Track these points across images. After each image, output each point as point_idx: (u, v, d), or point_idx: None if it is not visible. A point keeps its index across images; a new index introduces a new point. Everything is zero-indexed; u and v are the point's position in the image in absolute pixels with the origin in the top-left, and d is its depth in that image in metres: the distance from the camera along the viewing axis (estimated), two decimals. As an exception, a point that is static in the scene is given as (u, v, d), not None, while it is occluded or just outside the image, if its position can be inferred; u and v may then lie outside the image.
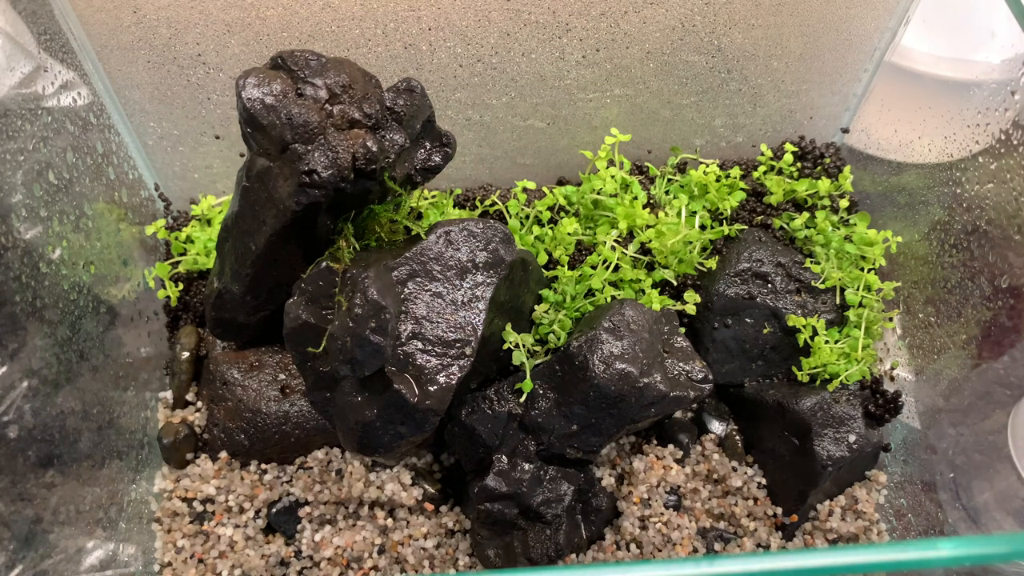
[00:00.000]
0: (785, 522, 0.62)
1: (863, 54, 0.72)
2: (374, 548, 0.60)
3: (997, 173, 0.58)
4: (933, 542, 0.30)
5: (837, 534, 0.61)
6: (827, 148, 0.75)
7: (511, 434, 0.57)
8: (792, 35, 0.69)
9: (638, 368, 0.54)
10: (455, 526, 0.62)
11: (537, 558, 0.57)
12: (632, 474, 0.62)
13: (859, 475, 0.63)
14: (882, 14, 0.68)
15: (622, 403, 0.54)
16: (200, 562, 0.61)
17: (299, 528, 0.61)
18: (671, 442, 0.64)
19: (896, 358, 0.68)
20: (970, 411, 0.62)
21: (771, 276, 0.65)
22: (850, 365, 0.62)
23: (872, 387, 0.63)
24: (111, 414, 0.61)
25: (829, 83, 0.74)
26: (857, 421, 0.60)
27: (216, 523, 0.62)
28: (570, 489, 0.58)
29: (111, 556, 0.58)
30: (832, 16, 0.68)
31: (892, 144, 0.73)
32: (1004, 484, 0.58)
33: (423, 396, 0.51)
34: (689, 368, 0.58)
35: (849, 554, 0.30)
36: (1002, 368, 0.61)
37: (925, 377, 0.67)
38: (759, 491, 0.63)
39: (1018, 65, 0.58)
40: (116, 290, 0.66)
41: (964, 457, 0.61)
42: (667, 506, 0.61)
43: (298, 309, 0.55)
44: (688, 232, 0.65)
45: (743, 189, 0.71)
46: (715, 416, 0.66)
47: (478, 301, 0.54)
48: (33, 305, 0.53)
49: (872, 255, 0.66)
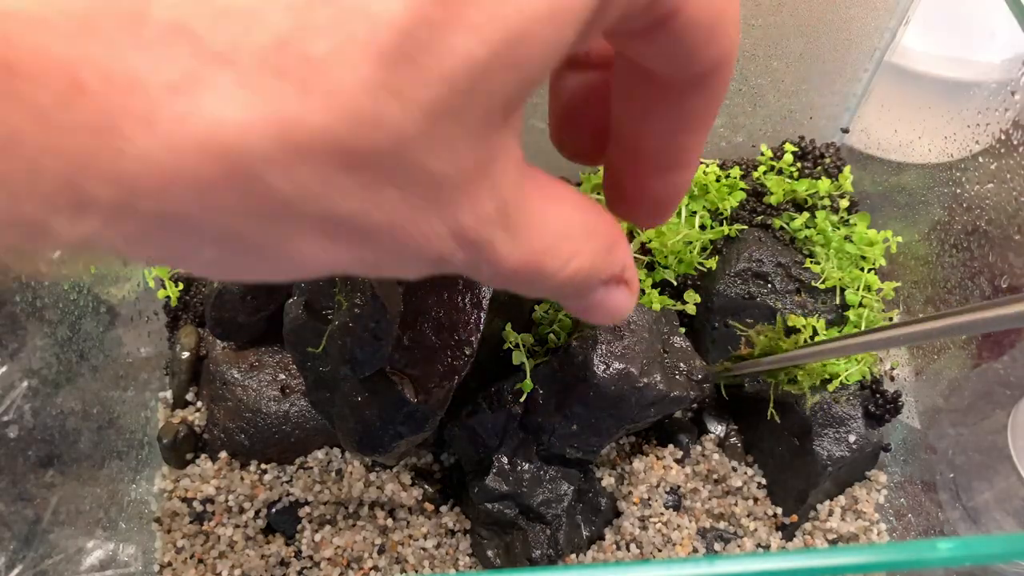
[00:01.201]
0: (785, 522, 0.62)
1: (863, 54, 0.72)
2: (374, 548, 0.60)
3: (997, 173, 0.58)
4: (933, 542, 0.30)
5: (837, 534, 0.61)
6: (827, 148, 0.75)
7: (511, 434, 0.57)
8: (792, 35, 0.69)
9: (638, 368, 0.54)
10: (455, 526, 0.62)
11: (537, 558, 0.57)
12: (632, 474, 0.62)
13: (859, 475, 0.63)
14: (882, 14, 0.68)
15: (622, 403, 0.54)
16: (200, 562, 0.61)
17: (299, 528, 0.61)
18: (671, 442, 0.64)
19: (896, 358, 0.68)
20: (970, 411, 0.62)
21: (771, 276, 0.65)
22: (850, 365, 0.62)
23: (872, 387, 0.63)
24: (111, 414, 0.61)
25: (829, 83, 0.74)
26: (857, 421, 0.60)
27: (216, 523, 0.62)
28: (570, 489, 0.58)
29: (111, 556, 0.58)
30: (832, 16, 0.68)
31: (892, 144, 0.73)
32: (1004, 484, 0.58)
33: (423, 396, 0.51)
34: (689, 368, 0.58)
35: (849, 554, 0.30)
36: (1002, 368, 0.61)
37: (925, 377, 0.67)
38: (759, 491, 0.63)
39: (1018, 65, 0.58)
40: (116, 290, 0.66)
41: (964, 457, 0.61)
42: (667, 506, 0.61)
43: (298, 309, 0.55)
44: (688, 232, 0.65)
45: (743, 189, 0.71)
46: (715, 416, 0.66)
47: (478, 301, 0.54)
48: (33, 305, 0.53)
49: (872, 255, 0.65)
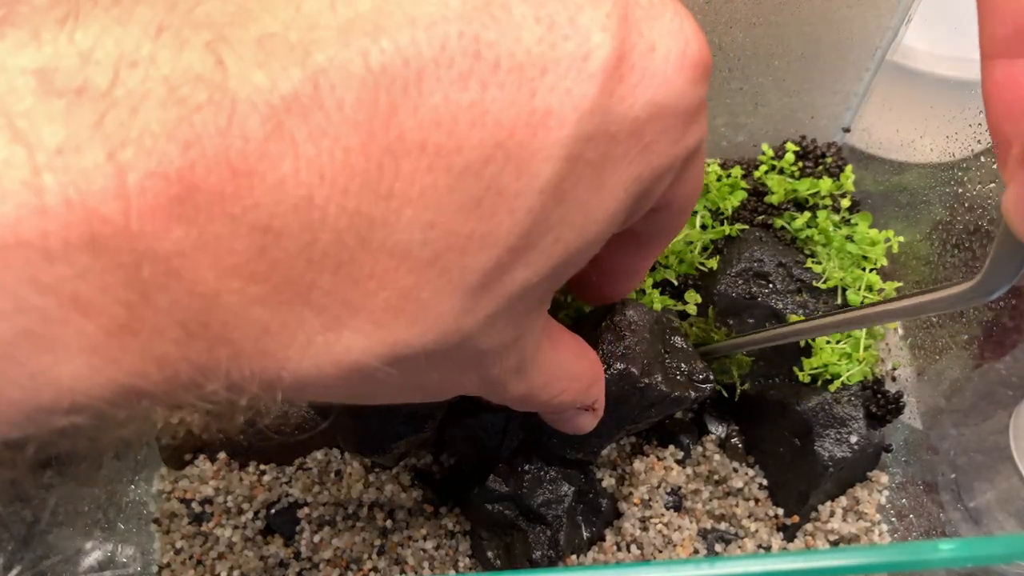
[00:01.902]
0: (786, 523, 0.62)
1: (864, 53, 0.71)
2: (373, 549, 0.60)
3: (999, 172, 0.58)
4: (934, 543, 0.30)
5: (838, 535, 0.61)
6: (828, 147, 0.75)
7: (511, 435, 0.57)
8: (793, 34, 0.69)
9: (639, 368, 0.54)
10: (455, 527, 0.61)
11: (538, 559, 0.57)
12: (633, 475, 0.61)
13: (860, 476, 0.63)
14: (883, 13, 0.68)
15: (623, 403, 0.54)
16: (199, 563, 0.61)
17: (298, 529, 0.61)
18: (672, 443, 0.64)
19: (898, 358, 0.68)
20: (972, 411, 0.62)
21: (772, 276, 0.64)
22: (851, 365, 0.62)
23: (874, 387, 0.63)
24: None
25: (830, 82, 0.74)
26: (859, 422, 0.60)
27: (215, 524, 0.62)
28: (571, 490, 0.58)
29: (109, 557, 0.58)
30: (833, 15, 0.68)
31: (894, 143, 0.72)
32: (1006, 485, 0.58)
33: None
34: (690, 368, 0.57)
35: (850, 555, 0.30)
36: (1004, 368, 0.61)
37: (927, 377, 0.66)
38: (760, 492, 0.63)
39: (1020, 64, 0.58)
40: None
41: (966, 458, 0.61)
42: (668, 507, 0.61)
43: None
44: (689, 232, 0.65)
45: (744, 188, 0.71)
46: (716, 417, 0.66)
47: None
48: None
49: (874, 255, 0.65)
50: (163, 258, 0.18)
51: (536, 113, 0.21)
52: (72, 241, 0.17)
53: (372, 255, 0.21)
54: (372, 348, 0.22)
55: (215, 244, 0.19)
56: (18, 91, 0.17)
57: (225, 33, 0.19)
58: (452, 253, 0.22)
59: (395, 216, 0.21)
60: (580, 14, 0.22)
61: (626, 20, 0.23)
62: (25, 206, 0.17)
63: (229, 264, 0.19)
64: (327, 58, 0.19)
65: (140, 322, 0.19)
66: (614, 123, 0.23)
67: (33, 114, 0.17)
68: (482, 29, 0.21)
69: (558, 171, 0.22)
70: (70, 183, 0.17)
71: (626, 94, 0.23)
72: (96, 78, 0.18)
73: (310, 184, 0.19)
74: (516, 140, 0.21)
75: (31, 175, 0.17)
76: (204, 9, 0.19)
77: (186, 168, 0.18)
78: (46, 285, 0.17)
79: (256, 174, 0.19)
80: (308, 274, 0.20)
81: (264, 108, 0.18)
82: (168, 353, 0.20)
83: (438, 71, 0.20)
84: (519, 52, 0.21)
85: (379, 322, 0.22)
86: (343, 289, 0.21)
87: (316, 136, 0.19)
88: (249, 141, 0.18)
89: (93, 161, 0.17)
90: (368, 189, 0.20)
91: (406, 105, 0.20)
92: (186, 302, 0.19)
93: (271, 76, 0.19)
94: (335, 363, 0.22)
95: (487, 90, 0.21)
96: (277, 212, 0.19)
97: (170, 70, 0.18)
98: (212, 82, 0.18)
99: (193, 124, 0.18)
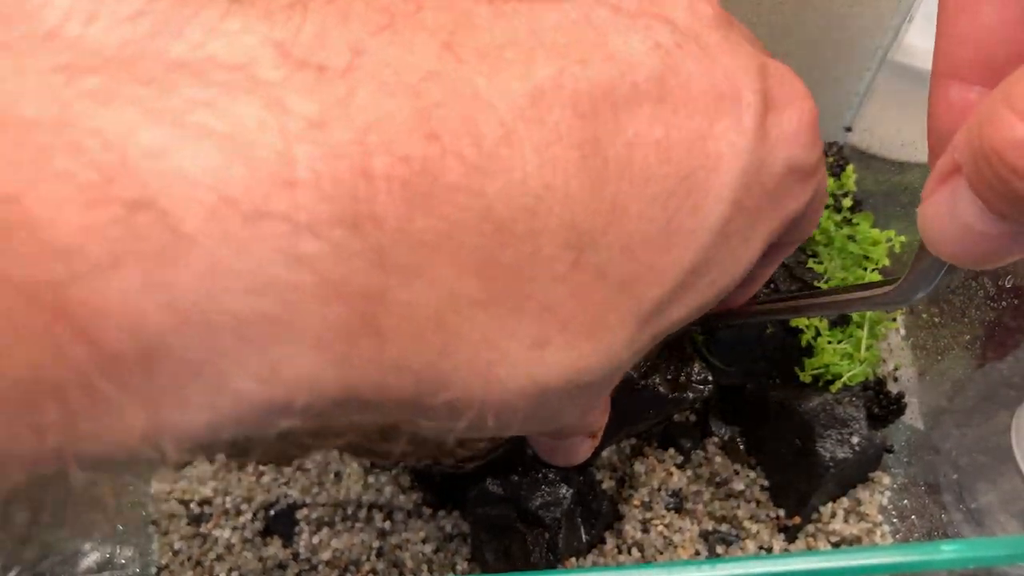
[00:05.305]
0: (788, 524, 0.61)
1: (866, 52, 0.71)
2: (372, 551, 0.60)
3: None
4: (937, 544, 0.29)
5: (840, 536, 0.61)
6: (830, 147, 0.74)
7: (509, 436, 0.57)
8: (794, 33, 0.69)
9: (636, 370, 0.54)
10: (453, 529, 0.61)
11: (536, 562, 0.57)
12: (633, 477, 0.61)
13: (862, 476, 0.63)
14: (884, 12, 0.68)
15: (621, 405, 0.54)
16: (198, 564, 0.61)
17: (297, 530, 0.61)
18: (672, 445, 0.63)
19: (899, 359, 0.67)
20: (974, 412, 0.62)
21: (774, 276, 0.64)
22: (853, 366, 0.61)
23: (875, 388, 0.62)
24: (108, 416, 0.61)
25: (831, 81, 0.73)
26: (860, 422, 0.60)
27: (213, 525, 0.61)
28: (569, 492, 0.57)
29: (108, 558, 0.57)
30: (834, 14, 0.68)
31: (895, 143, 0.72)
32: (1008, 486, 0.57)
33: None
34: (689, 370, 0.57)
35: (852, 556, 0.29)
36: (1006, 369, 0.61)
37: (929, 378, 0.66)
38: (761, 493, 0.62)
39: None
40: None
41: (968, 458, 0.61)
42: (668, 509, 0.61)
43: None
44: (689, 232, 0.65)
45: (744, 189, 0.71)
46: (716, 418, 0.66)
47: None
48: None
49: (875, 255, 0.65)
50: (407, 248, 0.17)
51: (711, 157, 0.23)
52: (324, 219, 0.16)
53: (581, 271, 0.21)
54: (565, 370, 0.21)
55: (455, 238, 0.18)
56: (263, 60, 0.17)
57: (453, 39, 0.19)
58: (636, 282, 0.22)
59: (601, 235, 0.21)
60: (735, 73, 0.24)
61: (766, 82, 0.25)
62: (278, 176, 0.16)
63: (466, 262, 0.19)
64: (544, 76, 0.20)
65: (377, 318, 0.17)
66: (763, 175, 0.25)
67: (285, 84, 0.17)
68: (668, 73, 0.22)
69: (725, 213, 0.24)
70: (320, 157, 0.16)
71: (769, 150, 0.25)
72: (333, 59, 0.17)
73: (536, 193, 0.19)
74: (695, 179, 0.23)
75: (284, 145, 0.16)
76: (424, 16, 0.19)
77: (430, 159, 0.18)
78: (299, 260, 0.16)
79: (489, 175, 0.19)
80: (528, 284, 0.20)
81: (501, 113, 0.19)
82: (399, 358, 0.18)
83: (630, 107, 0.21)
84: (691, 100, 0.23)
85: (572, 344, 0.21)
86: (555, 303, 0.20)
87: (541, 147, 0.19)
88: (484, 142, 0.19)
89: (341, 138, 0.17)
90: (582, 205, 0.20)
91: (607, 132, 0.21)
92: (424, 300, 0.18)
93: (501, 85, 0.19)
94: (535, 382, 0.21)
95: (670, 131, 0.22)
96: (508, 215, 0.19)
97: (401, 65, 0.18)
98: (448, 81, 0.19)
99: (431, 118, 0.18)
